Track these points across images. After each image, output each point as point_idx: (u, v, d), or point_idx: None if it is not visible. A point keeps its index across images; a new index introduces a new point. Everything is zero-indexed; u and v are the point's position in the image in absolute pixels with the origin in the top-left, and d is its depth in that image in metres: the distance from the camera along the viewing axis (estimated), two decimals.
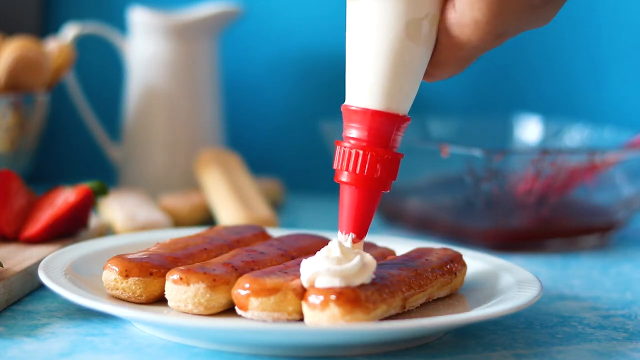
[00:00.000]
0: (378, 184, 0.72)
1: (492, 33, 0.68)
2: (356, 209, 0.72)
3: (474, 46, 0.70)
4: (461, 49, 0.70)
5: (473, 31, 0.69)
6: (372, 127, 0.71)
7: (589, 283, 0.93)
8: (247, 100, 1.35)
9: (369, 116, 0.71)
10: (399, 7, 0.70)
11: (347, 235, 0.73)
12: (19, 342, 0.70)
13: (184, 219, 1.09)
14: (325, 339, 0.67)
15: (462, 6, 0.68)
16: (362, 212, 0.73)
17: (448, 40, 0.70)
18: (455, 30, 0.70)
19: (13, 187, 0.90)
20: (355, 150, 0.72)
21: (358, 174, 0.72)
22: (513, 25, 0.68)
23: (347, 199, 0.73)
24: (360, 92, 0.72)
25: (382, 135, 0.72)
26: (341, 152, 0.73)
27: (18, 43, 1.09)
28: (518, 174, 1.01)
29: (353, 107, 0.72)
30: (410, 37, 0.70)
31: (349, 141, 0.72)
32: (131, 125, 1.22)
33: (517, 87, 1.33)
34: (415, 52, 0.71)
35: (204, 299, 0.72)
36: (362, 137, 0.72)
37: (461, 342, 0.74)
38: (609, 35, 1.30)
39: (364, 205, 0.72)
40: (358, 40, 0.71)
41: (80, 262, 0.80)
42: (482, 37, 0.69)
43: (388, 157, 0.72)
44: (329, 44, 1.33)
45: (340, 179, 0.73)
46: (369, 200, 0.72)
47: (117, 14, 1.29)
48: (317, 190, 1.33)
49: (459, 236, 1.04)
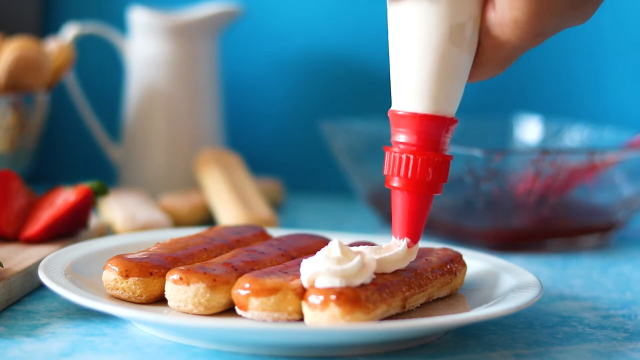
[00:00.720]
0: (430, 188, 0.72)
1: (532, 32, 0.69)
2: (409, 213, 0.73)
3: (514, 46, 0.70)
4: (502, 49, 0.71)
5: (513, 30, 0.69)
6: (421, 130, 0.71)
7: (589, 283, 0.93)
8: (247, 100, 1.35)
9: (417, 120, 0.71)
10: (441, 11, 0.70)
11: (402, 240, 0.73)
12: (19, 342, 0.70)
13: (184, 219, 1.09)
14: (325, 339, 0.67)
15: (502, 6, 0.69)
16: (415, 217, 0.73)
17: (489, 40, 0.71)
18: (495, 30, 0.70)
19: (13, 187, 0.90)
20: (406, 155, 0.72)
21: (410, 179, 0.72)
22: (552, 24, 0.69)
23: (399, 204, 0.73)
24: (406, 96, 0.72)
25: (431, 138, 0.72)
26: (391, 158, 0.73)
27: (18, 43, 1.09)
28: (518, 174, 1.01)
29: (401, 112, 0.72)
30: (454, 42, 0.70)
31: (399, 146, 0.72)
32: (131, 125, 1.22)
33: (517, 87, 1.33)
34: (459, 55, 0.71)
35: (204, 299, 0.72)
36: (412, 141, 0.72)
37: (461, 342, 0.74)
38: (609, 35, 1.30)
39: (416, 209, 0.73)
40: (401, 45, 0.71)
41: (80, 262, 0.80)
42: (521, 37, 0.69)
43: (438, 160, 0.72)
44: (329, 44, 1.33)
45: (392, 185, 0.73)
46: (421, 204, 0.73)
47: (117, 14, 1.29)
48: (317, 190, 1.33)
49: (459, 236, 1.04)
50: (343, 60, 1.33)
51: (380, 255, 0.73)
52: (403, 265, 0.74)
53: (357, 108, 1.32)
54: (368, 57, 1.33)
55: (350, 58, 1.33)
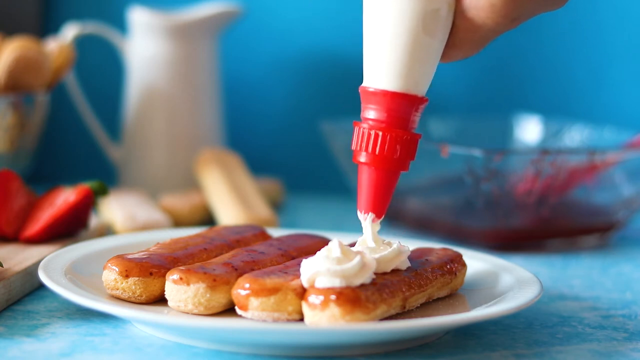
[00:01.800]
0: (397, 165, 0.73)
1: (508, 16, 0.69)
2: (375, 189, 0.73)
3: (490, 29, 0.70)
4: (477, 32, 0.71)
5: (488, 14, 0.69)
6: (391, 108, 0.72)
7: (589, 283, 0.93)
8: (247, 100, 1.35)
9: (387, 98, 0.72)
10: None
11: (367, 215, 0.74)
12: (19, 342, 0.70)
13: (184, 219, 1.09)
14: (325, 339, 0.68)
15: None
16: (381, 192, 0.74)
17: (464, 22, 0.71)
18: (471, 13, 0.70)
19: (13, 187, 0.90)
20: (375, 131, 0.73)
21: (377, 155, 0.73)
22: (528, 8, 0.69)
23: (366, 179, 0.74)
24: (378, 74, 0.72)
25: (400, 116, 0.72)
26: (360, 133, 0.74)
27: (18, 43, 1.09)
28: (518, 174, 1.01)
29: (371, 89, 0.73)
30: (426, 28, 0.71)
31: (368, 122, 0.73)
32: (131, 125, 1.22)
33: (517, 87, 1.33)
34: (432, 39, 0.71)
35: (204, 299, 0.72)
36: (381, 118, 0.73)
37: (461, 342, 0.74)
38: (608, 35, 1.30)
39: (383, 185, 0.73)
40: (374, 24, 0.72)
41: (80, 262, 0.80)
42: (497, 21, 0.69)
43: (407, 138, 0.73)
44: (329, 44, 1.33)
45: (359, 160, 0.74)
46: (387, 180, 0.73)
47: (117, 14, 1.29)
48: (317, 190, 1.33)
49: (459, 236, 1.04)
50: (343, 60, 1.33)
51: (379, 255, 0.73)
52: (401, 260, 0.74)
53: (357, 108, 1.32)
54: None
55: (350, 58, 1.33)
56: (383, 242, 0.75)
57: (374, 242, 0.74)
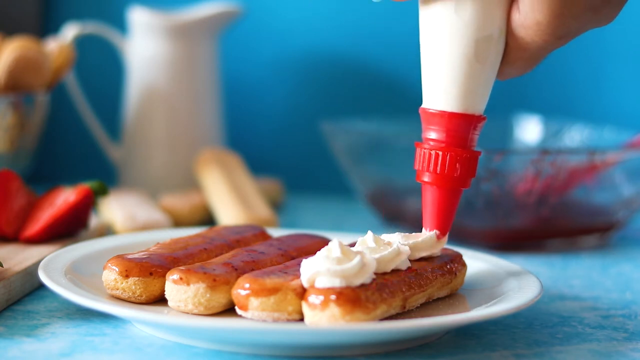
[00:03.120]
0: (458, 183, 0.75)
1: (554, 34, 0.71)
2: (438, 207, 0.76)
3: (539, 46, 0.72)
4: (527, 50, 0.73)
5: (536, 32, 0.71)
6: (450, 128, 0.74)
7: (589, 283, 0.93)
8: (247, 100, 1.35)
9: (446, 118, 0.74)
10: (468, 26, 0.73)
11: (432, 232, 0.77)
12: (19, 342, 0.70)
13: (184, 219, 1.09)
14: (325, 339, 0.67)
15: (525, 9, 0.71)
16: (444, 210, 0.76)
17: (514, 41, 0.73)
18: (520, 32, 0.72)
19: (13, 187, 0.90)
20: (435, 151, 0.75)
21: (439, 174, 0.75)
22: (574, 26, 0.71)
23: (429, 198, 0.76)
24: (436, 95, 0.74)
25: (459, 135, 0.75)
26: (421, 154, 0.76)
27: (18, 43, 1.09)
28: (518, 174, 1.01)
29: (431, 110, 0.75)
30: (480, 55, 0.73)
31: (429, 143, 0.75)
32: (131, 125, 1.22)
33: (517, 87, 1.33)
34: (486, 62, 0.73)
35: (204, 299, 0.72)
36: (441, 138, 0.75)
37: (461, 342, 0.74)
38: (609, 35, 1.30)
39: (445, 203, 0.76)
40: (431, 48, 0.74)
41: (80, 262, 0.80)
42: (544, 38, 0.71)
43: (466, 156, 0.75)
44: (329, 44, 1.33)
45: (422, 179, 0.76)
46: (450, 198, 0.76)
47: (117, 14, 1.29)
48: (317, 190, 1.33)
49: (459, 236, 1.04)
50: (343, 60, 1.33)
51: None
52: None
53: (357, 108, 1.32)
54: (368, 57, 1.33)
55: (350, 58, 1.33)
56: (383, 242, 0.75)
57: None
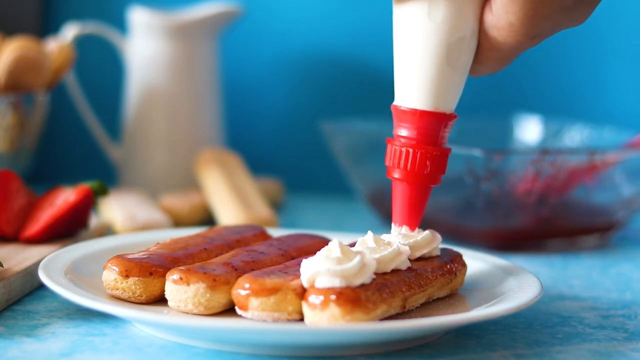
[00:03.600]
0: (428, 180, 0.76)
1: (527, 35, 0.71)
2: (408, 203, 0.77)
3: (511, 47, 0.73)
4: (500, 50, 0.73)
5: (509, 33, 0.72)
6: (421, 126, 0.75)
7: (589, 283, 0.93)
8: (247, 100, 1.35)
9: (417, 116, 0.75)
10: (442, 29, 0.73)
11: (400, 228, 0.77)
12: (19, 342, 0.70)
13: (184, 219, 1.09)
14: (325, 339, 0.67)
15: (497, 10, 0.71)
16: (413, 206, 0.77)
17: (487, 42, 0.74)
18: (492, 33, 0.73)
19: (13, 187, 0.90)
20: (406, 148, 0.76)
21: (409, 171, 0.76)
22: (547, 27, 0.71)
23: (399, 194, 0.77)
24: (408, 93, 0.75)
25: (430, 133, 0.75)
26: (392, 151, 0.77)
27: (18, 43, 1.09)
28: (518, 174, 1.01)
29: (403, 108, 0.76)
30: (451, 57, 0.73)
31: (400, 140, 0.76)
32: (131, 125, 1.22)
33: (517, 87, 1.33)
34: (458, 61, 0.74)
35: (204, 299, 0.72)
36: (412, 135, 0.76)
37: (461, 342, 0.74)
38: (609, 35, 1.30)
39: (415, 199, 0.77)
40: (403, 46, 0.75)
41: (80, 262, 0.80)
42: (517, 39, 0.72)
43: (437, 154, 0.76)
44: (329, 44, 1.33)
45: (393, 176, 0.77)
46: (419, 194, 0.77)
47: (117, 14, 1.29)
48: (317, 190, 1.33)
49: (459, 236, 1.04)
50: (343, 60, 1.33)
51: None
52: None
53: (357, 108, 1.32)
54: (368, 57, 1.33)
55: (350, 58, 1.33)
56: (383, 242, 0.75)
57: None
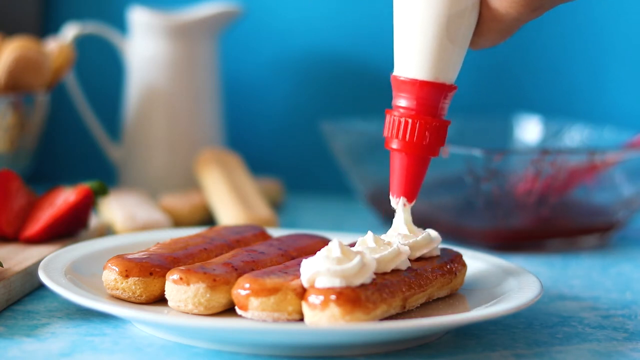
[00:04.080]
0: (427, 151, 0.76)
1: (529, 6, 0.72)
2: (406, 174, 0.76)
3: (513, 18, 0.73)
4: (501, 21, 0.74)
5: (510, 4, 0.72)
6: (421, 96, 0.75)
7: (589, 283, 0.93)
8: (247, 100, 1.35)
9: (417, 86, 0.75)
10: (443, 0, 0.73)
11: (398, 199, 0.77)
12: (19, 342, 0.70)
13: (184, 219, 1.09)
14: (325, 339, 0.67)
15: None
16: (412, 177, 0.76)
17: (489, 12, 0.74)
18: (494, 3, 0.73)
19: (13, 187, 0.90)
20: (405, 118, 0.75)
21: (408, 141, 0.75)
22: None
23: (397, 165, 0.76)
24: (408, 63, 0.75)
25: (430, 104, 0.75)
26: (391, 121, 0.76)
27: (18, 43, 1.09)
28: (518, 174, 1.01)
29: (402, 78, 0.75)
30: (452, 26, 0.73)
31: (399, 110, 0.76)
32: (131, 125, 1.22)
33: (517, 87, 1.33)
34: (459, 33, 0.74)
35: (204, 299, 0.72)
36: (411, 106, 0.75)
37: (461, 342, 0.74)
38: (608, 35, 1.30)
39: (413, 170, 0.76)
40: (404, 17, 0.74)
41: (80, 262, 0.80)
42: (519, 10, 0.72)
43: (436, 125, 0.75)
44: (329, 44, 1.33)
45: (391, 146, 0.76)
46: (418, 165, 0.76)
47: (117, 14, 1.29)
48: (317, 190, 1.33)
49: (459, 236, 1.04)
50: (343, 60, 1.33)
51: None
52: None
53: (357, 108, 1.32)
54: (368, 57, 1.33)
55: (350, 58, 1.33)
56: (383, 242, 0.75)
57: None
